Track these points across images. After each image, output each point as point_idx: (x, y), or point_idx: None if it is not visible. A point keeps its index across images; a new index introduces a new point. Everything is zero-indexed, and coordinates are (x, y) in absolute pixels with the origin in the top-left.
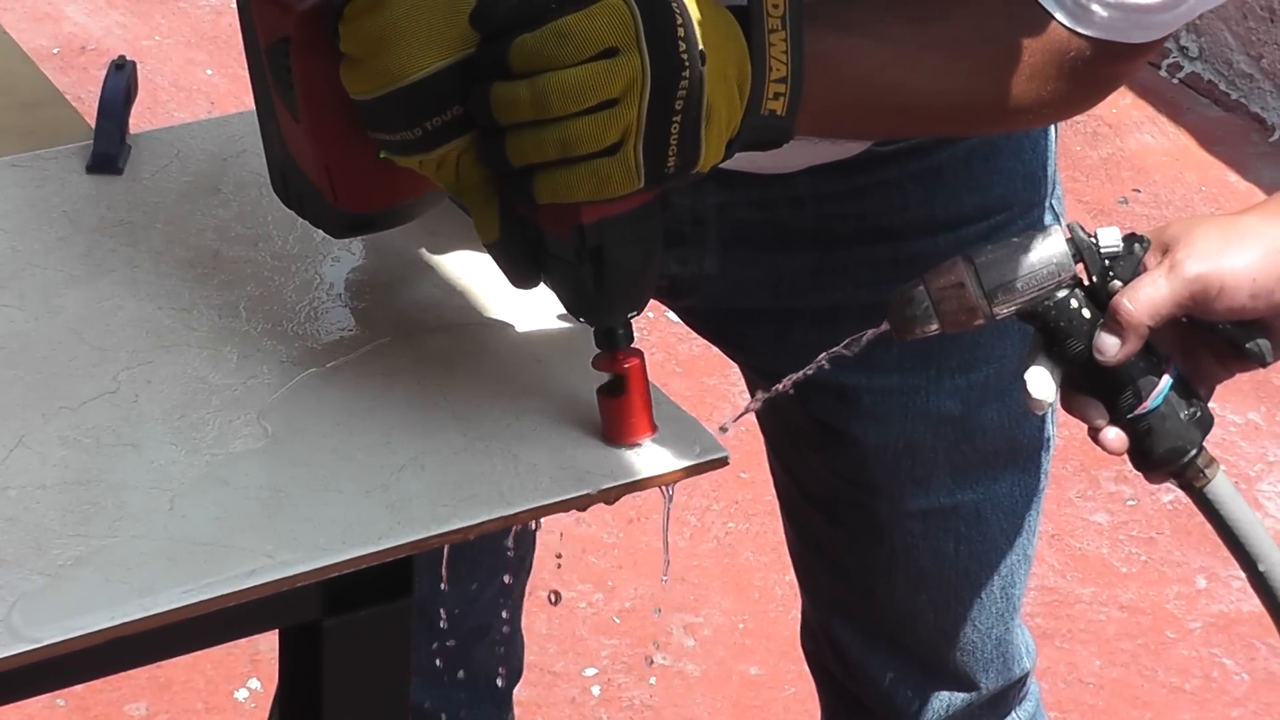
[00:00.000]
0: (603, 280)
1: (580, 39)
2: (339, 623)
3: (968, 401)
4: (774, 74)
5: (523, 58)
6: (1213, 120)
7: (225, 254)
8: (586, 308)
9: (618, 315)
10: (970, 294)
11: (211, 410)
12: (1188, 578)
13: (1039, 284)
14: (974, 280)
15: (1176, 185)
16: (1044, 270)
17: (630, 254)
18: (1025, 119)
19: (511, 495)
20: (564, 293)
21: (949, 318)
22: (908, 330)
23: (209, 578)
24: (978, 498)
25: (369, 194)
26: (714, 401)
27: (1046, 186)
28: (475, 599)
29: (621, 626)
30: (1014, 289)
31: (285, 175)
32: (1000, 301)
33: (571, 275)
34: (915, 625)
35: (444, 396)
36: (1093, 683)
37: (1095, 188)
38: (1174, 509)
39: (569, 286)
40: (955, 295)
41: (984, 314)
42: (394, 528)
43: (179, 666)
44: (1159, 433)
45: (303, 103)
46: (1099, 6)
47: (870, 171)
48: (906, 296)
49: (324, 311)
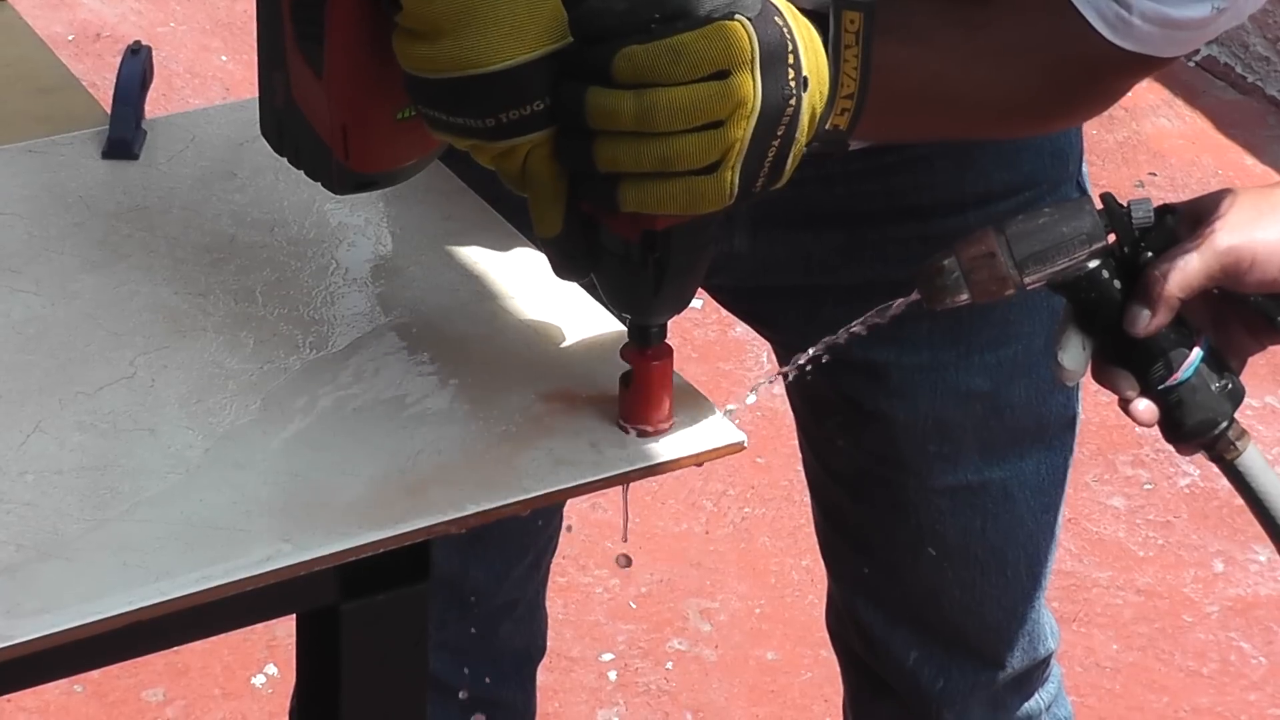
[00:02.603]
0: (661, 284)
1: (694, 59)
2: (357, 607)
3: (997, 378)
4: (844, 90)
5: (629, 69)
6: (1229, 103)
7: (241, 239)
8: (637, 307)
9: (665, 315)
10: (1001, 263)
11: (228, 395)
12: (1205, 561)
13: (1070, 254)
14: (1005, 250)
15: (1193, 169)
16: (1075, 240)
17: (691, 260)
18: (1055, 124)
19: (528, 479)
20: (615, 290)
21: (979, 287)
22: (938, 300)
23: (226, 562)
24: (1005, 475)
25: (381, 155)
26: (729, 387)
27: (1074, 162)
28: (505, 576)
29: (638, 611)
30: (1045, 259)
31: (283, 124)
32: (1031, 271)
33: (630, 276)
34: (940, 603)
35: (461, 380)
36: (1110, 667)
37: (1111, 171)
38: (1191, 493)
39: (624, 286)
40: (986, 265)
41: (1015, 284)
42: (411, 512)
43: (196, 652)
44: (1190, 404)
45: (331, 60)
46: (1140, 20)
47: (899, 150)
48: (937, 266)
49: (340, 296)
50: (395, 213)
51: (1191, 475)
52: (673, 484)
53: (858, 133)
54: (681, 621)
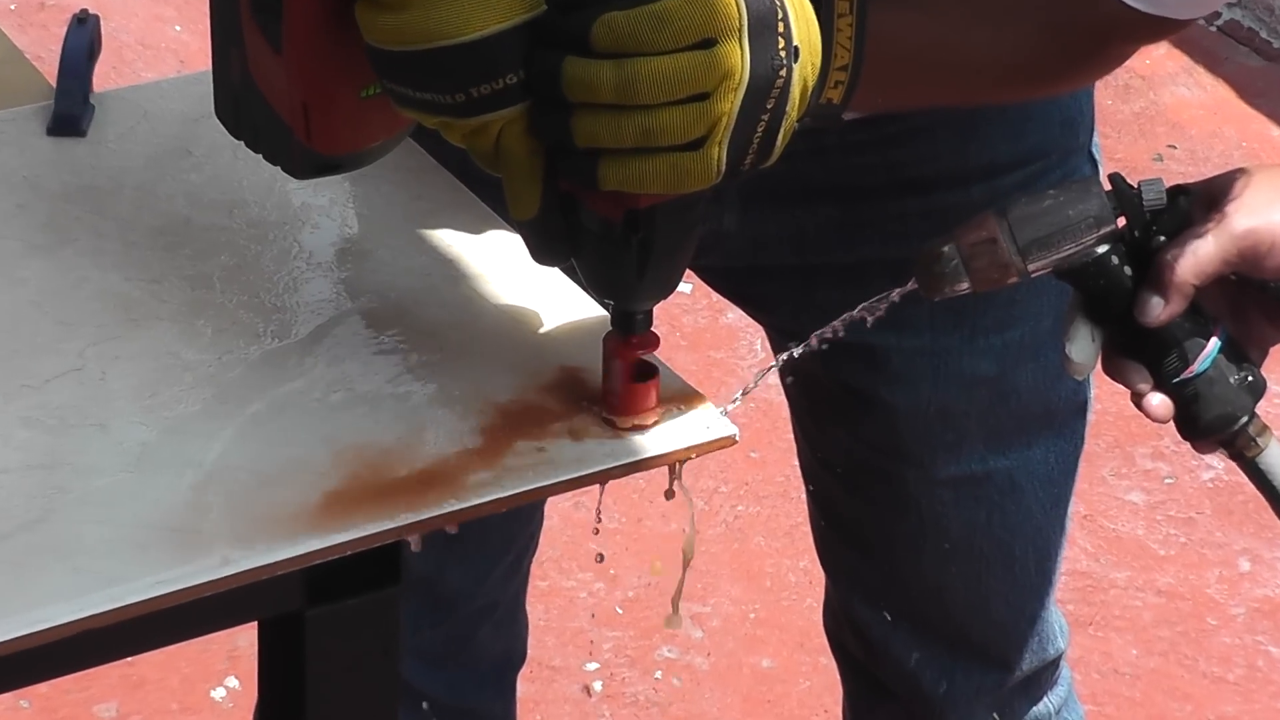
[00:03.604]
0: (645, 266)
1: (680, 26)
2: (322, 613)
3: (1002, 362)
4: (837, 61)
5: (610, 37)
6: (1253, 71)
7: (197, 221)
8: (619, 292)
9: (650, 301)
10: (1003, 250)
11: (184, 388)
12: (1230, 560)
13: (1077, 239)
14: (1007, 235)
15: (1215, 141)
16: (1082, 224)
17: (676, 241)
18: (1061, 87)
19: (506, 476)
20: (597, 274)
21: (980, 275)
22: (936, 289)
23: (182, 566)
24: (1011, 464)
25: (345, 135)
26: (720, 376)
27: (1085, 133)
28: (484, 577)
29: (625, 617)
30: (1050, 244)
31: (240, 104)
32: (1035, 258)
33: (612, 259)
34: (943, 601)
35: (434, 370)
36: (1129, 673)
37: (1128, 144)
38: (1215, 487)
39: (605, 269)
40: (987, 252)
41: (1018, 271)
42: (381, 511)
43: (152, 664)
44: (1207, 398)
45: (290, 34)
46: None
47: (898, 120)
48: (935, 253)
49: (304, 282)
50: (362, 193)
51: (1215, 469)
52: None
53: (853, 104)
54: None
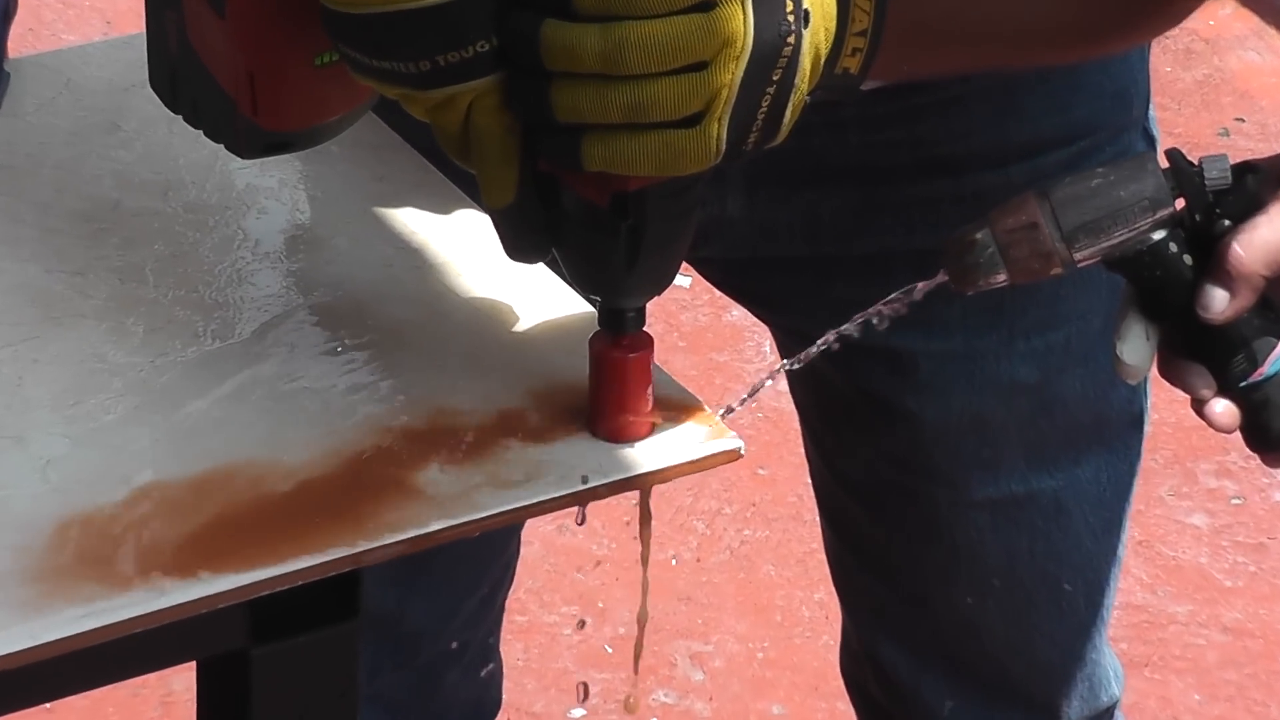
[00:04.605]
0: (636, 257)
1: None
2: (270, 652)
3: (1045, 368)
4: (855, 26)
5: None
6: None
7: (127, 205)
8: (608, 286)
9: (642, 296)
10: (1045, 236)
11: (112, 394)
12: None
13: (1130, 224)
14: (1050, 219)
15: None
16: (1136, 207)
17: (671, 228)
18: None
19: (479, 495)
20: (582, 267)
21: (1019, 266)
22: (969, 282)
23: (109, 598)
24: (1057, 485)
25: (295, 109)
26: (724, 382)
27: (1139, 105)
28: (451, 613)
29: (614, 657)
30: (1099, 230)
31: (177, 74)
32: (1082, 245)
33: (598, 249)
34: (980, 640)
35: (396, 375)
36: None
37: (1189, 117)
38: None
39: (592, 261)
40: (1027, 238)
41: (1062, 261)
42: (336, 535)
43: (74, 710)
44: (1278, 405)
45: None
46: None
47: (927, 90)
48: (968, 241)
49: (249, 275)
50: (315, 173)
51: None
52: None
53: (874, 73)
54: (668, 669)
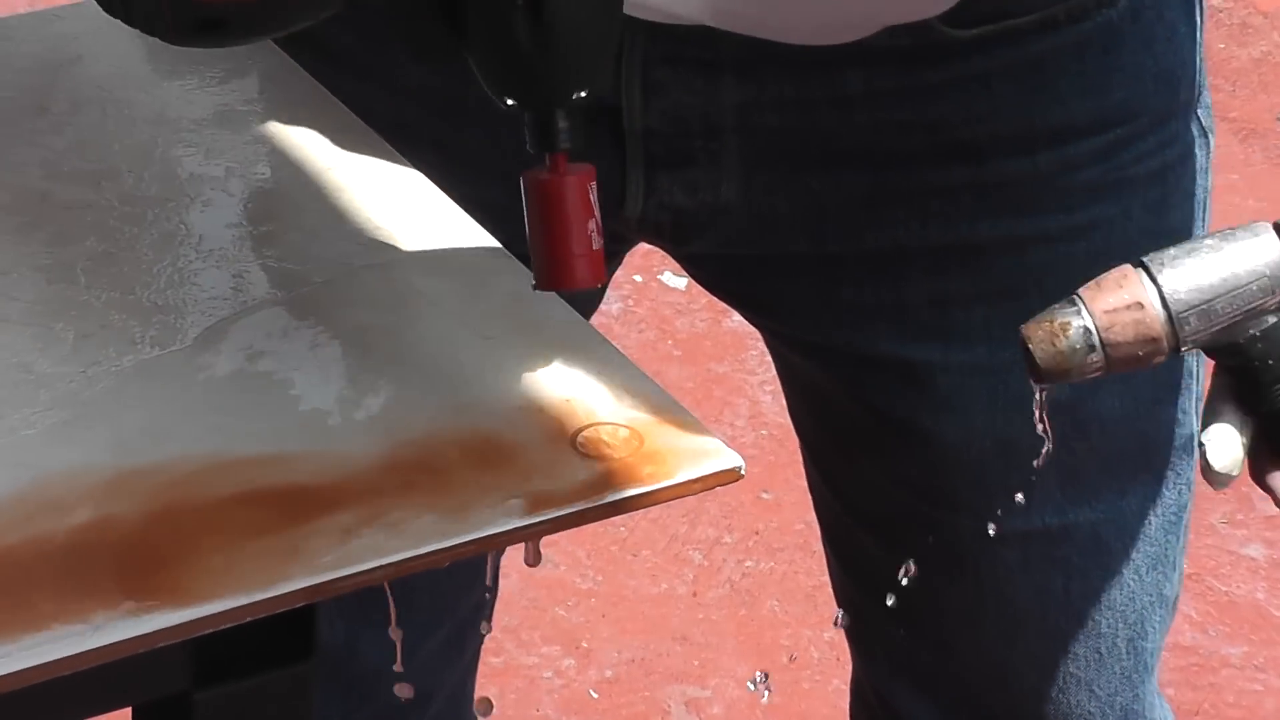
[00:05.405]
0: (552, 32)
1: None
2: (214, 696)
3: (1079, 384)
4: None
5: None
6: None
7: (57, 196)
8: (520, 76)
9: (563, 89)
10: (1153, 318)
11: (38, 409)
12: None
13: (1244, 305)
14: (1157, 298)
15: None
16: (1253, 285)
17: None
18: None
19: (447, 519)
20: (490, 57)
21: (1121, 353)
22: (1059, 373)
23: (32, 635)
24: (1097, 517)
25: None
26: (723, 395)
27: (1189, 89)
28: (409, 655)
29: (600, 703)
30: (1212, 312)
31: None
32: (1193, 330)
33: (505, 32)
34: (1008, 690)
35: (357, 384)
36: None
37: (1244, 100)
38: None
39: (500, 51)
40: (1131, 320)
41: (1169, 347)
42: (288, 566)
43: None
44: None
45: None
46: None
47: (946, 65)
48: (1060, 325)
49: (192, 274)
50: (267, 160)
51: None
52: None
53: None
54: (661, 716)
